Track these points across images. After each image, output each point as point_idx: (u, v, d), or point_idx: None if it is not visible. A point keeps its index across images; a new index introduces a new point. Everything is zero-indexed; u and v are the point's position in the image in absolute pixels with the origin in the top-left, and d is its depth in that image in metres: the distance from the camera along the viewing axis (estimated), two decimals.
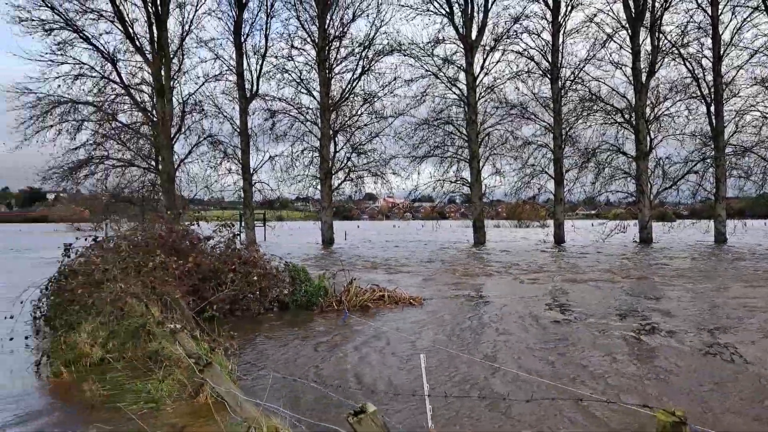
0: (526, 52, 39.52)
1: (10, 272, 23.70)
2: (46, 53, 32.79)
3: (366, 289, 13.33)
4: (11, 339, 9.43)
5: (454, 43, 40.21)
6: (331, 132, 40.51)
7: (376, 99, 40.59)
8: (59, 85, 33.37)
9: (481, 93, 40.19)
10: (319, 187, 41.41)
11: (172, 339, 7.17)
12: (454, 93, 40.89)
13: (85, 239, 12.49)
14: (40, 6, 31.49)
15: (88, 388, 6.68)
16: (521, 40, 39.47)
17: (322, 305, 12.72)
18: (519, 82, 40.10)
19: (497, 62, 41.06)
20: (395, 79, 39.94)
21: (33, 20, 31.51)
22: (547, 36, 39.21)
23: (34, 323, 11.06)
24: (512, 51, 39.78)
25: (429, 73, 40.44)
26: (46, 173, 34.12)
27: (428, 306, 13.22)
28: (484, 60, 39.82)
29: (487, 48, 39.76)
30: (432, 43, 39.98)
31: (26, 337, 9.70)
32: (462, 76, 40.34)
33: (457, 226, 78.74)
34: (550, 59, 38.97)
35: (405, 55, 39.95)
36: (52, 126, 33.25)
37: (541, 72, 39.56)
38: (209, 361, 5.01)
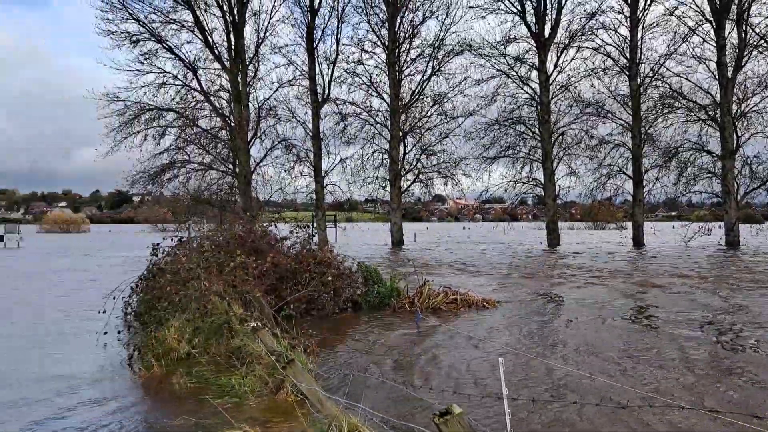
0: (603, 49, 38.24)
1: (101, 269, 25.25)
2: (133, 63, 34.70)
3: (438, 291, 13.30)
4: (105, 333, 10.04)
5: (526, 41, 39.48)
6: (400, 134, 40.70)
7: (445, 100, 40.47)
8: (145, 93, 35.17)
9: (554, 92, 39.25)
10: (388, 188, 41.68)
11: (253, 336, 7.42)
12: (526, 92, 40.16)
13: (171, 239, 13.12)
14: (128, 19, 33.36)
15: (176, 382, 7.02)
16: (597, 36, 38.24)
17: (395, 306, 12.80)
18: (595, 80, 38.85)
19: (571, 60, 39.89)
20: (465, 79, 39.67)
21: (121, 32, 33.41)
22: (624, 31, 37.80)
23: (124, 318, 11.71)
24: (587, 48, 38.61)
25: (500, 72, 39.90)
26: (134, 177, 36.04)
27: (502, 309, 13.04)
28: (558, 58, 38.88)
29: (561, 45, 38.79)
30: (503, 42, 39.41)
31: (119, 332, 10.30)
32: (534, 74, 39.58)
33: (530, 228, 77.23)
34: (627, 55, 37.54)
35: (475, 55, 39.60)
36: (138, 132, 35.11)
37: (618, 69, 38.17)
38: (291, 358, 5.16)
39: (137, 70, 34.53)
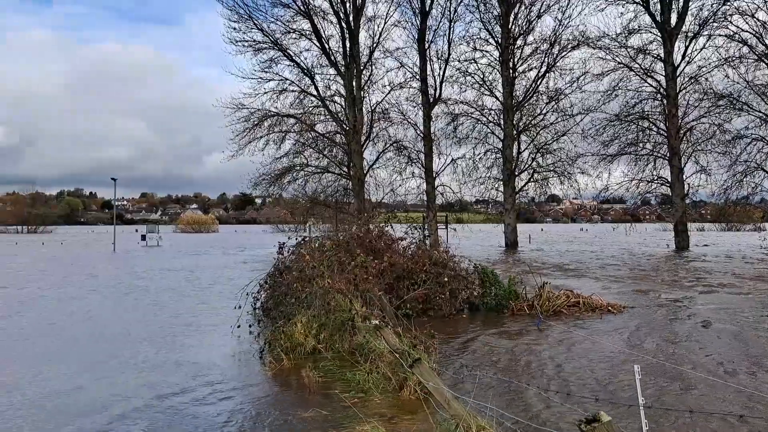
0: (738, 36, 35.14)
1: (231, 265, 27.02)
2: (256, 71, 36.84)
3: (559, 294, 12.88)
4: (238, 326, 10.73)
5: (650, 31, 37.19)
6: (514, 132, 39.87)
7: (562, 96, 39.09)
8: (267, 100, 37.18)
9: (682, 84, 36.65)
10: (501, 189, 40.96)
11: (376, 334, 7.61)
12: (650, 85, 37.81)
13: (296, 239, 13.75)
14: (252, 29, 35.49)
15: (305, 375, 7.35)
16: (731, 22, 35.20)
17: (513, 309, 12.56)
18: (729, 69, 35.77)
19: (701, 49, 37.01)
20: (583, 74, 38.06)
21: (246, 41, 35.58)
22: (763, 16, 34.50)
23: (254, 313, 12.43)
24: (720, 35, 35.65)
25: (621, 65, 37.84)
26: (257, 180, 38.23)
27: (629, 314, 12.38)
28: (686, 47, 36.25)
29: (690, 34, 36.13)
30: (624, 34, 37.37)
31: (250, 326, 10.96)
32: (659, 66, 37.17)
33: (654, 229, 72.59)
34: (766, 42, 34.23)
35: (594, 48, 37.87)
36: (261, 137, 37.16)
37: (755, 56, 34.89)
38: (418, 357, 5.24)
39: (260, 77, 36.62)
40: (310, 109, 39.07)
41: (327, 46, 36.60)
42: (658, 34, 36.53)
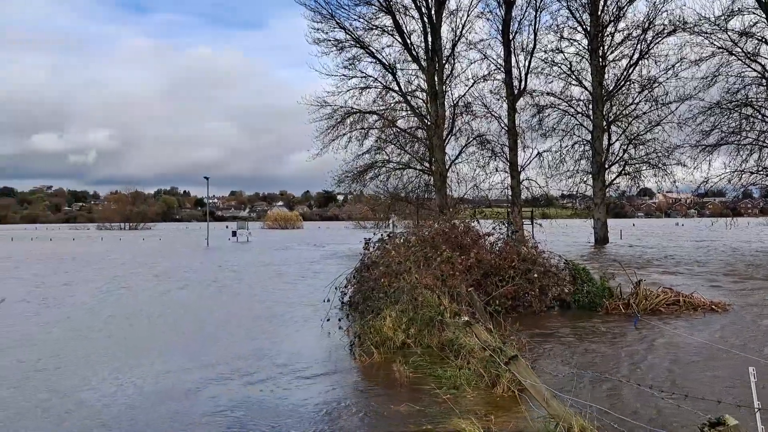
0: None
1: (317, 259, 27.69)
2: (339, 69, 37.40)
3: (657, 292, 12.23)
4: (328, 320, 10.95)
5: (753, 12, 34.49)
6: (604, 123, 38.27)
7: (656, 84, 37.07)
8: (350, 98, 37.68)
9: None
10: (590, 182, 39.45)
11: (466, 330, 7.51)
12: (754, 70, 35.08)
13: (381, 235, 13.85)
14: (335, 28, 36.09)
15: (396, 369, 7.38)
16: None
17: (607, 307, 12.05)
18: None
19: None
20: (680, 60, 35.89)
21: (329, 40, 36.23)
22: None
23: (342, 307, 12.65)
24: None
25: (721, 50, 35.34)
26: (340, 177, 38.82)
27: (734, 313, 11.58)
28: None
29: None
30: (725, 16, 34.89)
31: (339, 319, 11.16)
32: (764, 49, 34.43)
33: (757, 224, 67.55)
34: None
35: (691, 33, 35.61)
36: (344, 134, 37.70)
37: None
38: (515, 354, 5.11)
39: (343, 75, 37.16)
40: (392, 105, 39.23)
41: (409, 41, 36.63)
42: (763, 15, 33.85)
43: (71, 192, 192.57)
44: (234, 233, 55.96)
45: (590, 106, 38.48)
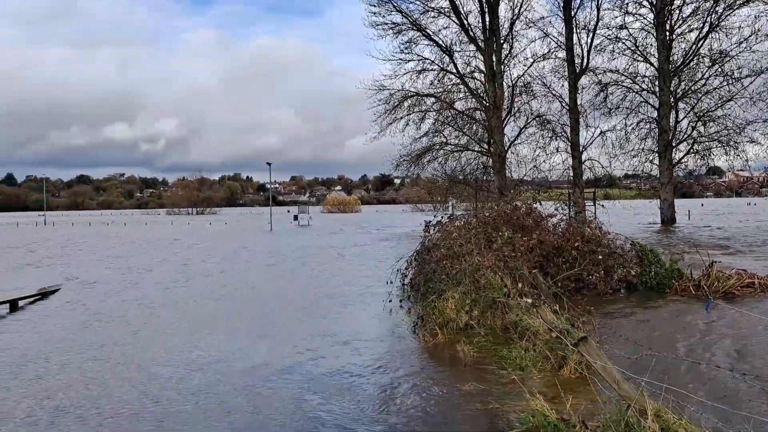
0: None
1: (375, 242, 27.97)
2: (396, 53, 37.25)
3: (730, 274, 11.73)
4: (390, 301, 11.09)
5: None
6: (671, 100, 36.65)
7: (727, 58, 35.12)
8: (406, 81, 37.50)
9: None
10: (656, 161, 37.98)
11: (531, 312, 7.48)
12: None
13: (441, 217, 13.86)
14: (391, 11, 35.94)
15: (461, 350, 7.43)
16: None
17: (676, 289, 11.66)
18: None
19: None
20: (754, 33, 33.83)
21: (385, 24, 36.12)
22: None
23: (403, 289, 12.78)
24: None
25: None
26: (398, 160, 38.83)
27: None
28: None
29: None
30: None
31: (400, 300, 11.28)
32: None
33: None
34: None
35: (765, 3, 33.47)
36: (401, 118, 37.64)
37: None
38: (584, 336, 5.06)
39: (399, 59, 37.00)
40: (449, 87, 38.80)
41: (466, 22, 36.05)
42: None
43: (142, 179, 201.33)
44: (295, 217, 57.15)
45: (656, 83, 36.92)
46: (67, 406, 6.29)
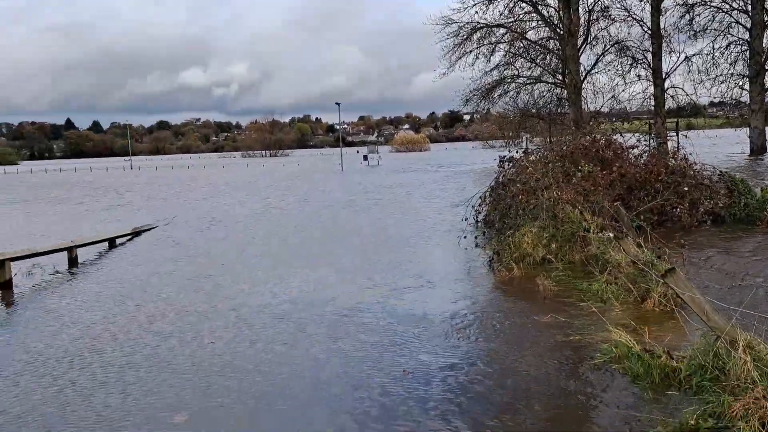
0: None
1: (445, 180, 27.89)
2: None
3: None
4: (464, 237, 11.16)
5: None
6: (765, 19, 33.59)
7: None
8: (476, 12, 36.05)
9: None
10: (746, 87, 35.29)
11: (611, 244, 7.35)
12: None
13: (516, 152, 13.61)
14: None
15: (540, 283, 7.45)
16: None
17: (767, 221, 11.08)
18: None
19: None
20: None
21: None
22: None
23: (476, 226, 12.80)
24: None
25: None
26: (467, 96, 37.90)
27: None
28: None
29: None
30: None
31: (476, 237, 11.32)
32: None
33: None
34: None
35: None
36: (470, 51, 36.46)
37: None
38: (672, 267, 4.95)
39: None
40: (521, 16, 36.99)
41: None
42: None
43: (217, 123, 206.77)
44: (365, 157, 57.52)
45: (749, 1, 33.86)
46: (169, 331, 6.84)
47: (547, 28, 36.28)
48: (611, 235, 7.35)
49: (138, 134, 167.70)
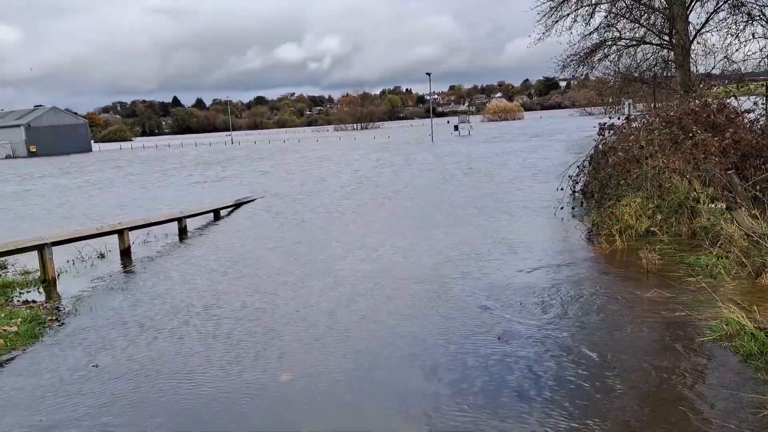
0: None
1: (543, 150, 27.08)
2: None
3: None
4: (561, 208, 10.85)
5: None
6: None
7: None
8: None
9: None
10: None
11: (725, 216, 6.89)
12: None
13: (618, 118, 12.96)
14: None
15: (643, 256, 7.13)
16: None
17: None
18: None
19: None
20: None
21: None
22: None
23: (572, 196, 12.39)
24: None
25: None
26: (564, 61, 36.25)
27: None
28: None
29: None
30: None
31: (573, 208, 10.98)
32: None
33: None
34: None
35: None
36: (568, 14, 34.79)
37: None
38: None
39: None
40: None
41: None
42: None
43: (310, 97, 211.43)
44: (456, 127, 56.87)
45: None
46: (272, 295, 7.19)
47: None
48: (723, 206, 6.88)
49: (237, 110, 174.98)
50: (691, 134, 10.36)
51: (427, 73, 54.48)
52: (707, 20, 34.55)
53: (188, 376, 4.99)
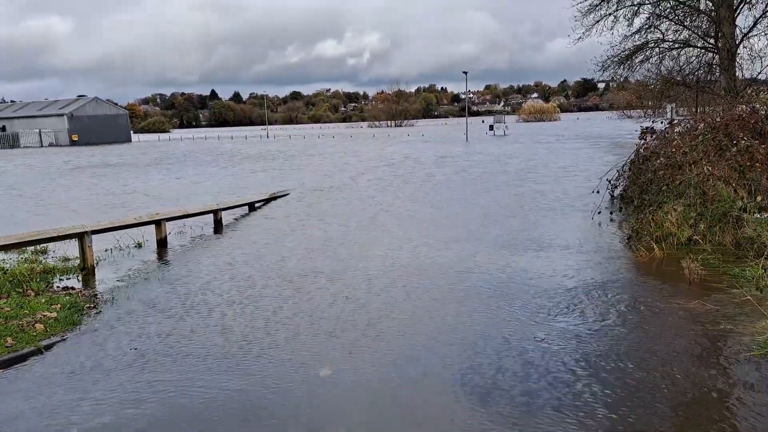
0: None
1: (578, 152, 26.63)
2: None
3: None
4: (599, 212, 10.64)
5: None
6: None
7: None
8: None
9: None
10: None
11: None
12: None
13: (661, 122, 12.65)
14: None
15: (686, 266, 6.93)
16: None
17: None
18: None
19: None
20: None
21: None
22: None
23: (611, 201, 12.14)
24: None
25: None
26: (604, 62, 35.52)
27: None
28: None
29: None
30: None
31: (611, 212, 10.74)
32: None
33: None
34: None
35: None
36: (609, 14, 34.09)
37: None
38: None
39: None
40: None
41: None
42: None
43: (346, 93, 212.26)
44: (491, 127, 56.34)
45: None
46: (308, 287, 7.21)
47: None
48: None
49: (273, 104, 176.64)
50: (736, 141, 10.04)
51: (464, 72, 54.16)
52: (755, 24, 33.58)
53: (230, 360, 5.02)
